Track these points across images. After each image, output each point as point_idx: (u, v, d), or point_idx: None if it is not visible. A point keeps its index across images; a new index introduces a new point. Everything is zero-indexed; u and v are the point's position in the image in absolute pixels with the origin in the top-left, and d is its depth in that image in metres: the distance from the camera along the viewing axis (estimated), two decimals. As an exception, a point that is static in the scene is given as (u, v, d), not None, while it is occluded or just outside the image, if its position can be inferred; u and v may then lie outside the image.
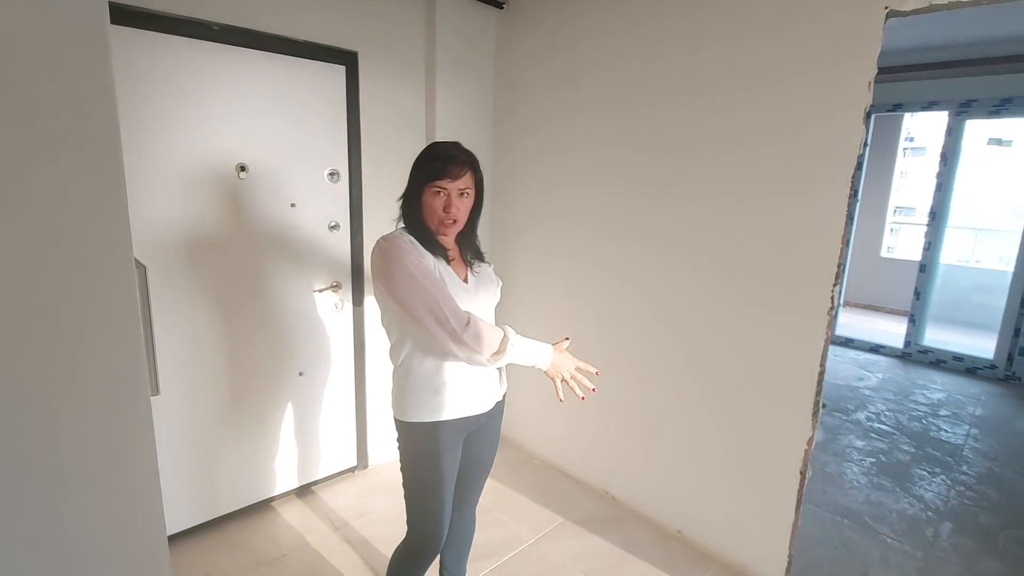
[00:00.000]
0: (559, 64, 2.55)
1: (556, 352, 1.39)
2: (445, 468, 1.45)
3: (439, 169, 1.33)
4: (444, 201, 1.35)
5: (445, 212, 1.35)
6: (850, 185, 1.74)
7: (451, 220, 1.36)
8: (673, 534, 2.35)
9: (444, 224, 1.36)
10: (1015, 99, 4.09)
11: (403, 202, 1.41)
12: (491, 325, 1.33)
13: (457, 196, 1.35)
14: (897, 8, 1.57)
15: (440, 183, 1.33)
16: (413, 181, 1.38)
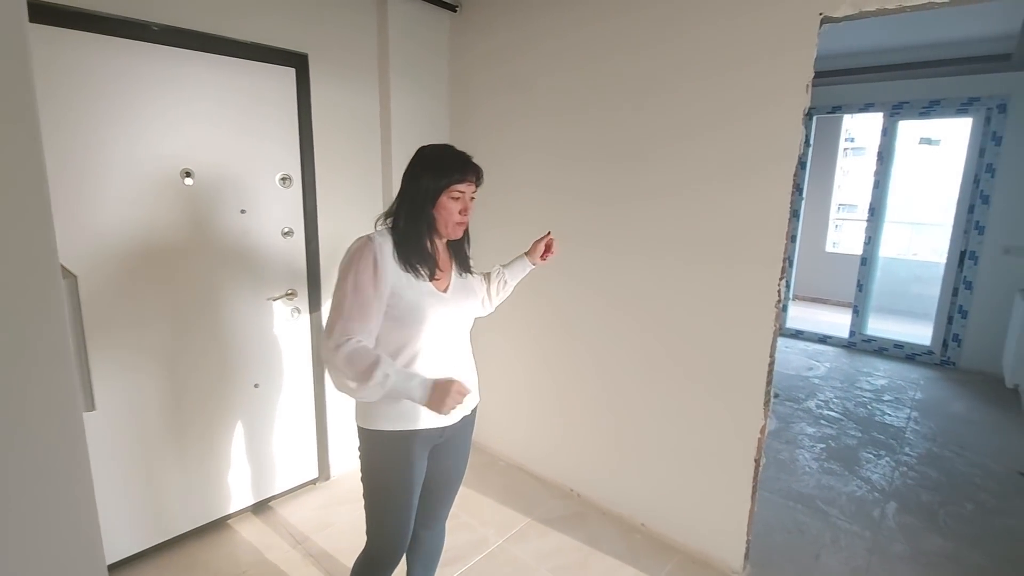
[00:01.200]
0: (513, 67, 2.57)
1: (436, 390, 1.25)
2: (408, 479, 1.42)
3: (461, 173, 1.34)
4: (462, 204, 1.36)
5: (461, 215, 1.37)
6: (792, 182, 1.82)
7: (465, 223, 1.40)
8: (637, 527, 2.39)
9: (459, 226, 1.39)
10: (942, 101, 4.36)
11: (405, 205, 1.36)
12: (371, 354, 1.23)
13: (470, 200, 1.39)
14: (830, 14, 1.66)
15: (461, 187, 1.34)
16: (428, 183, 1.33)
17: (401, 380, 1.25)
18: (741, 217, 1.95)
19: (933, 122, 4.59)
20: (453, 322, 1.42)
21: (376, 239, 1.31)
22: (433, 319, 1.36)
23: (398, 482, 1.42)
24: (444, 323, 1.39)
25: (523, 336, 2.76)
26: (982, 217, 4.33)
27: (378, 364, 1.21)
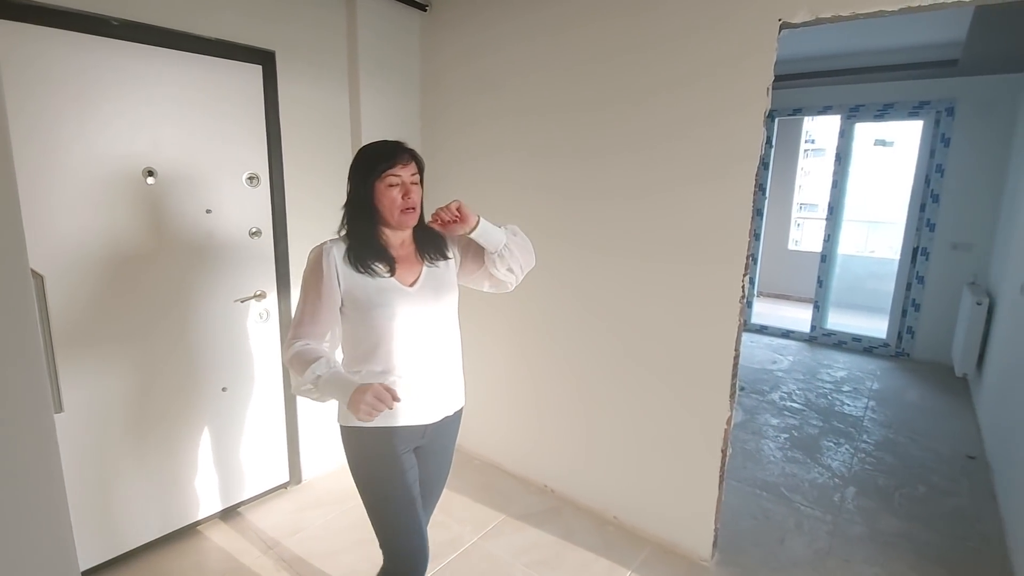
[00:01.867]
0: (484, 67, 2.58)
1: (355, 393, 1.20)
2: (400, 476, 1.38)
3: (388, 158, 1.32)
4: (402, 189, 1.33)
5: (405, 199, 1.33)
6: (755, 182, 1.89)
7: (411, 207, 1.34)
8: (610, 520, 2.44)
9: (406, 213, 1.34)
10: (895, 104, 4.56)
11: (348, 208, 1.38)
12: (312, 354, 1.27)
13: (411, 184, 1.35)
14: (789, 20, 1.72)
15: (393, 172, 1.32)
16: (360, 180, 1.34)
17: (331, 381, 1.25)
18: (707, 216, 2.01)
19: (887, 124, 4.81)
20: (425, 317, 1.39)
21: (327, 245, 1.35)
22: (400, 315, 1.34)
23: (390, 480, 1.38)
24: (414, 319, 1.37)
25: (500, 335, 2.78)
26: (933, 215, 4.54)
27: (313, 363, 1.25)
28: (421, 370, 1.40)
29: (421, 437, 1.44)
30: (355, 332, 1.36)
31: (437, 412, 1.45)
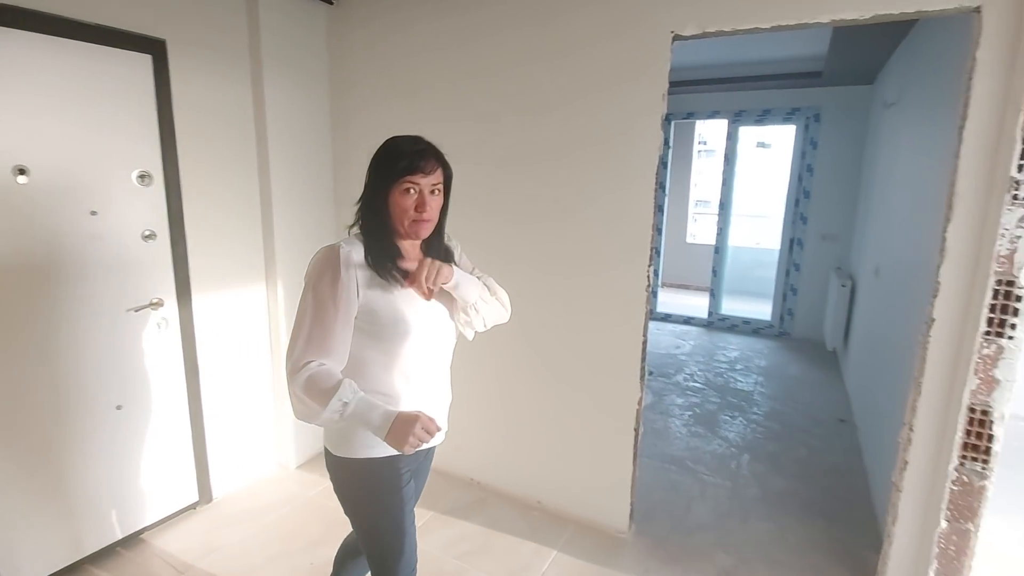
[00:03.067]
0: (398, 72, 2.55)
1: (399, 423, 1.10)
2: (400, 508, 1.28)
3: (409, 163, 1.18)
4: (416, 199, 1.19)
5: (418, 211, 1.19)
6: (656, 180, 2.05)
7: (425, 219, 1.21)
8: (534, 505, 2.53)
9: (417, 224, 1.21)
10: (772, 110, 5.09)
11: (361, 206, 1.24)
12: (331, 378, 1.12)
13: (429, 193, 1.21)
14: (680, 33, 1.89)
15: (411, 179, 1.18)
16: (377, 180, 1.21)
17: (362, 409, 1.11)
18: (614, 214, 2.15)
19: (766, 128, 5.34)
20: (438, 334, 1.30)
21: (343, 246, 1.18)
22: (417, 330, 1.22)
23: (399, 509, 1.27)
24: (429, 335, 1.26)
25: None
26: (805, 209, 5.12)
27: (336, 390, 1.09)
28: (430, 391, 1.31)
29: (424, 457, 1.38)
30: (367, 351, 1.21)
31: (440, 434, 1.31)
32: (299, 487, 2.68)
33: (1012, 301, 1.52)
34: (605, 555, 2.23)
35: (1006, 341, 1.54)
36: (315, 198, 2.77)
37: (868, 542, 2.25)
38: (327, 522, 2.41)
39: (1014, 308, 1.52)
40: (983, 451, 1.61)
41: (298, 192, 2.67)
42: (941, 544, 1.69)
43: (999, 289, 1.52)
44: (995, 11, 1.50)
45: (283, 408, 2.77)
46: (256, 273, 2.62)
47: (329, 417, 1.10)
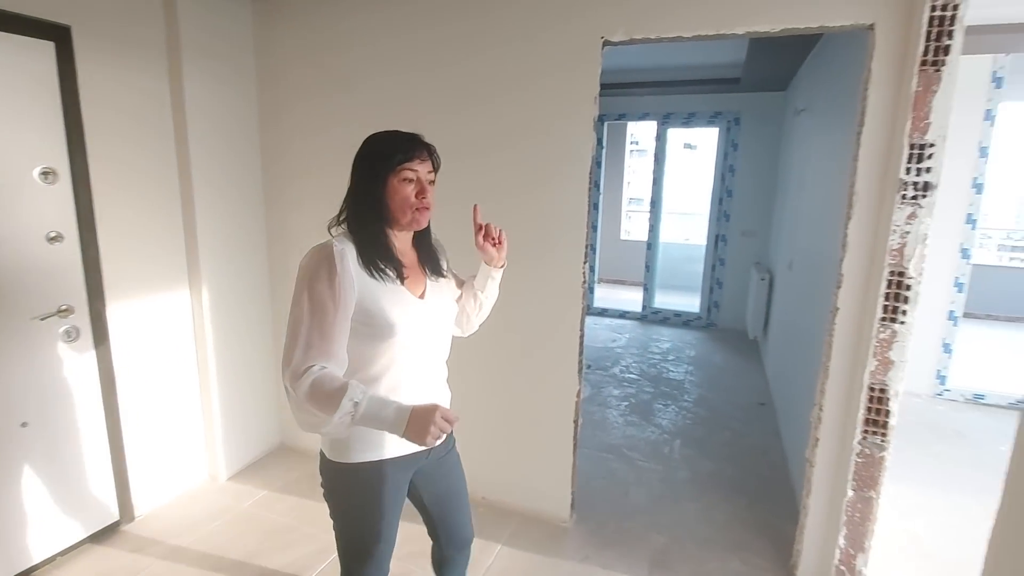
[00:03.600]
0: (331, 65, 2.48)
1: (415, 418, 1.07)
2: (390, 512, 1.28)
3: (406, 151, 1.18)
4: (417, 187, 1.20)
5: (419, 199, 1.20)
6: (590, 179, 2.12)
7: (427, 207, 1.22)
8: (479, 501, 2.56)
9: (420, 212, 1.21)
10: (697, 113, 5.36)
11: (352, 202, 1.21)
12: (336, 380, 1.08)
13: (428, 182, 1.22)
14: (609, 39, 1.97)
15: (410, 166, 1.18)
16: (370, 172, 1.19)
17: (374, 408, 1.07)
18: (551, 212, 2.21)
19: (692, 130, 5.62)
20: (433, 333, 1.28)
21: (335, 245, 1.15)
22: (411, 329, 1.20)
23: (380, 518, 1.26)
24: (423, 334, 1.25)
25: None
26: (728, 207, 5.45)
27: (345, 391, 1.05)
28: (427, 389, 1.29)
29: (426, 458, 1.34)
30: (360, 348, 1.18)
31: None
32: (232, 499, 2.56)
33: (903, 290, 1.70)
34: (548, 544, 2.29)
35: (898, 326, 1.72)
36: (242, 197, 2.65)
37: (787, 515, 2.44)
38: (264, 532, 2.32)
39: (904, 296, 1.70)
40: (882, 425, 1.79)
41: (223, 192, 2.54)
42: (848, 512, 1.87)
43: (892, 279, 1.70)
44: (886, 28, 1.67)
45: (212, 418, 2.63)
46: (179, 277, 2.47)
47: (340, 421, 1.05)
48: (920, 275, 1.68)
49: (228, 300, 2.63)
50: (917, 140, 1.62)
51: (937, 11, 1.54)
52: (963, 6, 1.53)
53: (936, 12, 1.54)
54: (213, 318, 2.56)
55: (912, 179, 1.64)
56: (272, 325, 2.90)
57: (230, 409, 2.70)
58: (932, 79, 1.57)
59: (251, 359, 2.80)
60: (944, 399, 4.01)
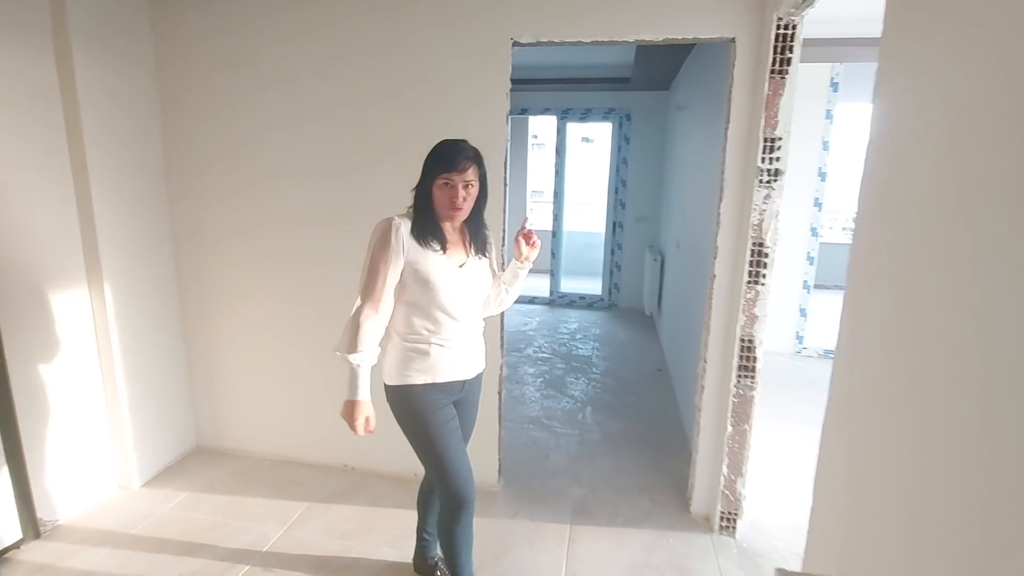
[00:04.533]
0: (234, 41, 2.44)
1: (347, 407, 1.63)
2: (445, 425, 1.65)
3: (446, 166, 1.52)
4: (451, 192, 1.53)
5: (452, 201, 1.53)
6: (505, 171, 2.31)
7: (457, 209, 1.54)
8: (412, 478, 2.68)
9: (452, 210, 1.55)
10: (593, 109, 5.77)
11: (415, 193, 1.59)
12: (363, 342, 1.54)
13: (462, 187, 1.53)
14: (518, 40, 2.17)
15: (448, 176, 1.52)
16: (425, 174, 1.56)
17: (351, 376, 1.59)
18: (470, 198, 2.37)
19: (589, 125, 6.02)
20: (466, 293, 1.63)
21: (396, 220, 1.55)
22: (448, 287, 1.57)
23: (443, 425, 1.64)
24: (458, 292, 1.60)
25: (268, 331, 2.71)
26: (623, 196, 5.93)
27: (360, 350, 1.54)
28: (460, 335, 1.64)
29: (460, 391, 1.70)
30: (413, 297, 1.58)
31: (471, 370, 1.71)
32: (150, 505, 2.46)
33: (763, 258, 2.08)
34: (481, 507, 2.43)
35: (760, 287, 2.11)
36: (145, 190, 2.53)
37: (683, 458, 2.83)
38: (192, 532, 2.28)
39: (764, 262, 2.08)
40: (751, 370, 2.18)
41: (122, 184, 2.41)
42: (729, 444, 2.25)
43: (754, 249, 2.08)
44: (744, 41, 2.02)
45: (121, 423, 2.50)
46: (76, 275, 2.32)
47: (343, 359, 1.56)
48: (775, 245, 2.07)
49: (133, 298, 2.51)
50: (769, 135, 1.99)
51: (781, 29, 1.90)
52: (800, 25, 1.91)
53: (780, 30, 1.90)
54: (117, 318, 2.43)
55: (766, 167, 2.02)
56: (182, 322, 2.79)
57: (140, 412, 2.58)
58: (779, 84, 1.95)
59: (161, 358, 2.69)
60: (802, 356, 4.74)
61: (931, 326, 0.69)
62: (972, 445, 0.59)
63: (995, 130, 0.59)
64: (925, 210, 0.74)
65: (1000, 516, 0.53)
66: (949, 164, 0.69)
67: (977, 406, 0.59)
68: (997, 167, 0.58)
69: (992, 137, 0.60)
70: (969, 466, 0.59)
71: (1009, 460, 0.52)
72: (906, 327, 0.77)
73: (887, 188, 0.87)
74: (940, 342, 0.67)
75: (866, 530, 0.86)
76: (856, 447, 0.92)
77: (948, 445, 0.64)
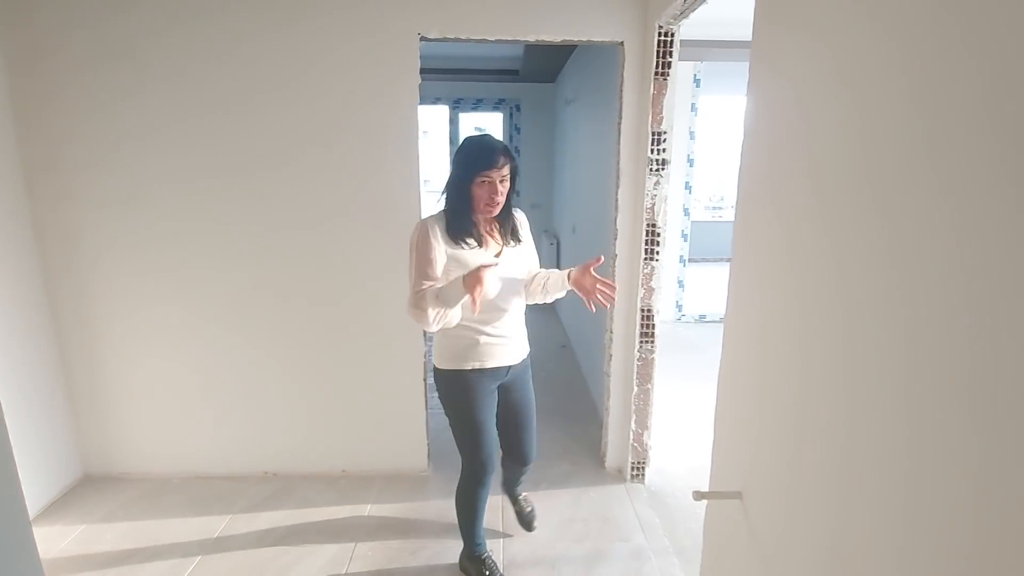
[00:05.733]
0: (109, 30, 2.21)
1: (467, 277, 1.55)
2: (474, 405, 1.79)
3: (486, 164, 1.57)
4: (490, 189, 1.60)
5: (491, 198, 1.61)
6: (418, 161, 2.37)
7: (496, 205, 1.63)
8: (340, 475, 2.67)
9: (489, 207, 1.63)
10: (485, 99, 5.90)
11: (448, 191, 1.65)
12: (426, 293, 1.59)
13: (499, 183, 1.62)
14: (426, 36, 2.23)
15: (487, 174, 1.59)
16: (460, 172, 1.62)
17: (446, 290, 1.58)
18: (384, 196, 2.39)
19: (480, 114, 6.15)
20: (505, 282, 1.72)
21: (428, 221, 1.65)
22: (488, 280, 1.57)
23: (467, 409, 1.79)
24: (498, 283, 1.69)
25: (163, 341, 2.52)
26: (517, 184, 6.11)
27: (426, 294, 1.58)
28: (501, 323, 1.75)
29: (505, 375, 1.83)
30: None
31: (514, 356, 1.84)
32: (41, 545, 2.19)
33: (656, 237, 2.37)
34: (414, 493, 2.56)
35: (655, 262, 2.40)
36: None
37: (593, 422, 3.11)
38: (100, 564, 2.10)
39: (657, 241, 2.37)
40: (651, 336, 2.48)
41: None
42: (635, 402, 2.55)
43: (648, 229, 2.36)
44: (632, 45, 2.27)
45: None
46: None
47: (437, 312, 1.59)
48: (665, 225, 2.37)
49: (-3, 315, 2.20)
50: (656, 129, 2.26)
51: (662, 36, 2.16)
52: (678, 33, 2.18)
53: (661, 36, 2.16)
54: (-22, 338, 2.13)
55: (655, 157, 2.29)
56: (56, 338, 2.48)
57: (16, 444, 2.28)
58: (662, 85, 2.22)
59: (30, 379, 2.38)
60: (682, 322, 5.34)
61: (797, 286, 0.91)
62: (830, 377, 0.81)
63: (832, 124, 0.80)
64: (787, 191, 0.96)
65: (856, 428, 0.75)
66: (800, 151, 0.90)
67: (831, 345, 0.81)
68: (836, 154, 0.80)
69: (831, 129, 0.81)
70: (830, 393, 0.81)
71: (860, 388, 0.73)
72: (779, 288, 0.99)
73: (759, 172, 1.09)
74: (805, 297, 0.89)
75: (757, 452, 1.09)
76: (746, 387, 1.15)
77: (811, 379, 0.86)
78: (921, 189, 0.59)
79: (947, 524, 0.55)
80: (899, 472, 0.63)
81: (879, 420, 0.67)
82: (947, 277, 0.55)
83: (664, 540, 2.25)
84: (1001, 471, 0.48)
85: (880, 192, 0.66)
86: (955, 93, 0.54)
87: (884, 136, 0.65)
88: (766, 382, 1.02)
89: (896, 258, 0.63)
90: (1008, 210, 0.47)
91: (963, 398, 0.53)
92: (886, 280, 0.65)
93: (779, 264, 0.97)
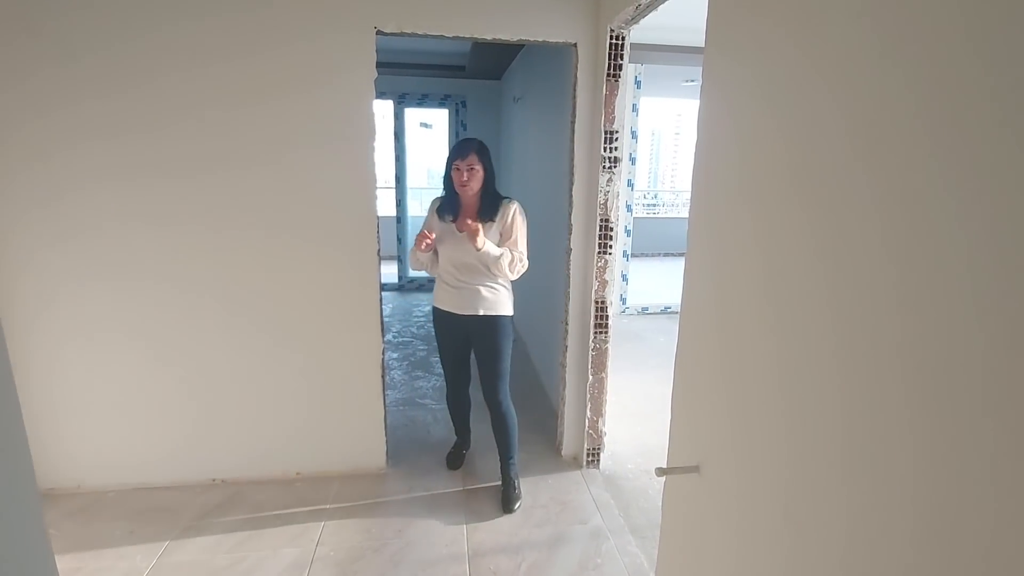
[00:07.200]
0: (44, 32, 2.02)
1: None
2: (440, 335, 2.54)
3: (456, 155, 2.21)
4: (459, 174, 2.18)
5: (460, 181, 2.18)
6: (373, 158, 2.34)
7: (463, 185, 2.18)
8: (294, 478, 2.60)
9: (463, 186, 2.19)
10: (430, 95, 5.85)
11: (445, 177, 2.27)
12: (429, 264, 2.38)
13: (467, 170, 2.18)
14: (382, 30, 2.20)
15: (457, 163, 2.19)
16: (446, 163, 2.25)
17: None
18: (337, 191, 2.34)
19: (426, 110, 6.09)
20: (461, 252, 2.23)
21: (435, 200, 2.37)
22: (449, 247, 2.26)
23: (437, 336, 2.57)
24: (455, 251, 2.24)
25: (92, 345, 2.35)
26: (464, 180, 6.15)
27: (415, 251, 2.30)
28: (455, 278, 2.30)
29: (468, 325, 2.36)
30: (440, 251, 2.31)
31: (468, 308, 2.32)
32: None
33: (609, 231, 2.47)
34: (373, 490, 2.53)
35: (608, 256, 2.50)
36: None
37: (548, 412, 3.20)
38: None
39: (610, 235, 2.48)
40: (605, 327, 2.58)
41: None
42: (590, 391, 2.65)
43: (602, 224, 2.46)
44: (584, 47, 2.35)
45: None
46: None
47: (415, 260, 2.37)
48: (617, 220, 2.48)
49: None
50: (608, 128, 2.36)
51: (614, 39, 2.26)
52: (629, 36, 2.28)
53: (613, 39, 2.26)
54: None
55: (608, 155, 2.39)
56: None
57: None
58: (614, 86, 2.32)
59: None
60: (626, 314, 5.55)
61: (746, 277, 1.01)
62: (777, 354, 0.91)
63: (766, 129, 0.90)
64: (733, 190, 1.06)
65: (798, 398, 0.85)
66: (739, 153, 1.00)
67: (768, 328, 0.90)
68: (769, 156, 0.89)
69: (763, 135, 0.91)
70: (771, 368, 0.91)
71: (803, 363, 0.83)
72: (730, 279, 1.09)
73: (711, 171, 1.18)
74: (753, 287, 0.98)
75: (712, 428, 1.19)
76: (699, 369, 1.25)
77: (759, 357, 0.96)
78: (852, 181, 0.68)
79: (884, 479, 0.64)
80: (838, 434, 0.72)
81: (817, 389, 0.76)
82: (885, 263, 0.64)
83: (620, 520, 2.36)
84: (928, 423, 0.57)
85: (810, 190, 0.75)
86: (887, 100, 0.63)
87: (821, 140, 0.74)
88: (720, 363, 1.12)
89: (826, 249, 0.72)
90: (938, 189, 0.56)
91: (895, 364, 0.62)
92: (823, 268, 0.74)
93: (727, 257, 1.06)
